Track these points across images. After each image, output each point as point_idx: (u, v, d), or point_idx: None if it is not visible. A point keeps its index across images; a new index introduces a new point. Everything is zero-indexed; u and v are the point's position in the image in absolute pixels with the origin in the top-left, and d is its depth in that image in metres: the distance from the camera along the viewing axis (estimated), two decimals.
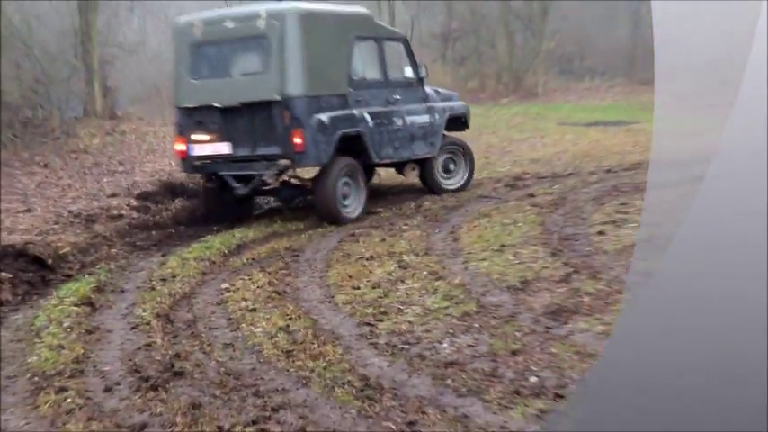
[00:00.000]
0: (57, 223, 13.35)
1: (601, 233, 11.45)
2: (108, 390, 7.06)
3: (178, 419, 6.34)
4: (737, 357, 6.43)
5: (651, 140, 19.86)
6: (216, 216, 14.43)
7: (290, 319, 8.63)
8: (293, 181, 14.71)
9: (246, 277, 10.31)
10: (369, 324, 8.38)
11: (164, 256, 11.57)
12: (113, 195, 15.92)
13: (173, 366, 7.46)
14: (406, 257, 10.72)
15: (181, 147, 14.09)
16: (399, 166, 15.93)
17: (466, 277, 9.81)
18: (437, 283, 9.59)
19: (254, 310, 9.02)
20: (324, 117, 13.37)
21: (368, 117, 14.27)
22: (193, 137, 13.90)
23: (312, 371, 7.24)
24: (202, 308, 9.24)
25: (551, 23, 36.92)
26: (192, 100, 13.98)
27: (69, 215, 13.89)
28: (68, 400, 6.82)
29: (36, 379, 7.29)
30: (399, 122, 14.95)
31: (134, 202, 14.90)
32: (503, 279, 9.64)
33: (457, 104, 16.79)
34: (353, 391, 6.76)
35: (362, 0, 22.36)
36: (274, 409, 6.47)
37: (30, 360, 7.75)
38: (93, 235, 12.51)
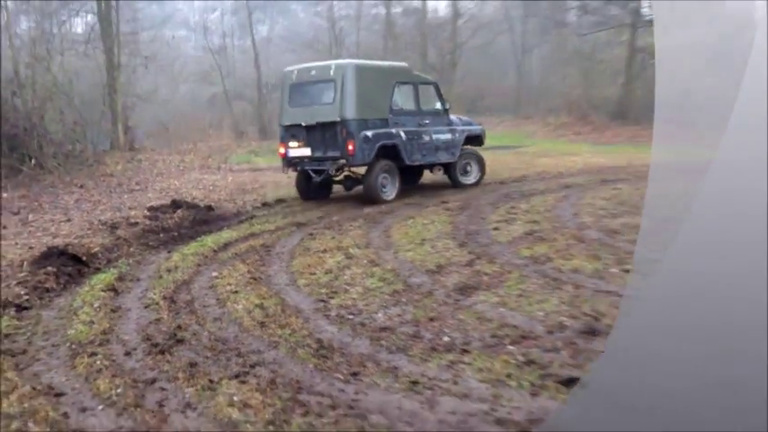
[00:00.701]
0: (89, 229, 13.26)
1: (496, 229, 11.53)
2: (127, 354, 7.02)
3: (179, 375, 6.35)
4: (737, 358, 5.55)
5: (532, 160, 19.99)
6: (305, 195, 16.67)
7: (264, 298, 8.57)
8: (352, 175, 16.48)
9: (231, 267, 10.22)
10: (323, 301, 8.34)
11: (169, 252, 11.46)
12: (132, 208, 15.84)
13: (175, 335, 7.43)
14: (351, 250, 10.68)
15: (282, 150, 16.28)
16: (429, 168, 17.31)
17: (396, 264, 9.80)
18: (374, 269, 9.56)
19: (237, 292, 8.93)
20: (369, 133, 15.31)
21: (402, 134, 15.94)
22: (289, 144, 16.03)
23: (280, 337, 7.21)
24: (198, 291, 9.15)
25: (459, 73, 37.12)
26: (288, 120, 16.17)
27: (99, 223, 13.77)
28: (98, 362, 6.78)
29: (73, 347, 7.22)
30: (427, 138, 16.48)
31: (147, 213, 14.81)
32: (423, 265, 9.63)
33: (474, 128, 17.98)
34: (311, 351, 6.75)
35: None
36: (252, 366, 6.49)
37: (69, 332, 7.67)
38: (117, 238, 12.43)
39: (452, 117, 17.52)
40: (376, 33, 39.00)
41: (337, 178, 16.57)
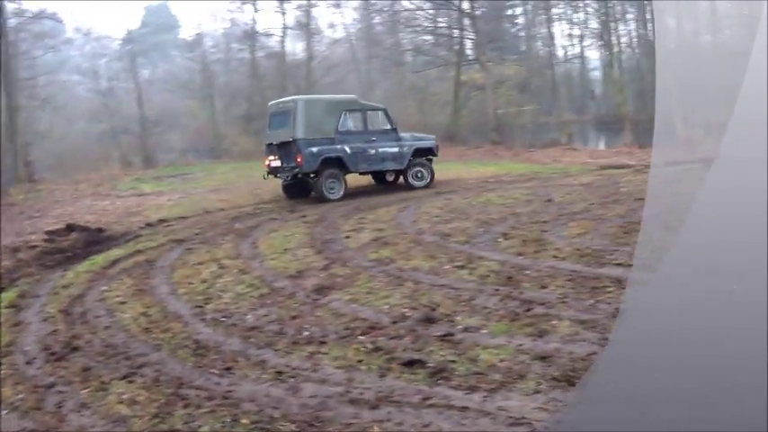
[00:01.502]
0: None
1: (348, 237, 11.53)
2: (28, 362, 6.87)
3: (75, 379, 6.27)
4: (737, 358, 5.01)
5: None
6: (290, 196, 18.27)
7: (148, 306, 8.40)
8: (309, 179, 17.57)
9: (119, 281, 9.93)
10: (199, 306, 8.20)
11: (64, 271, 11.05)
12: (31, 233, 15.19)
13: (71, 344, 7.26)
14: (223, 261, 10.51)
15: (266, 162, 18.09)
16: (383, 174, 19.02)
17: (262, 271, 9.69)
18: (244, 277, 9.43)
19: (125, 302, 8.71)
20: (314, 149, 17.16)
21: (347, 149, 17.59)
22: (270, 157, 17.93)
23: (163, 340, 7.11)
24: (90, 303, 8.87)
25: None
26: (267, 140, 18.23)
27: (3, 247, 13.17)
28: (3, 371, 6.65)
29: None
30: (372, 152, 17.98)
31: (45, 237, 14.23)
32: (285, 271, 9.56)
33: (424, 142, 19.16)
34: (190, 351, 6.69)
35: None
36: (138, 367, 6.39)
37: None
38: (18, 260, 11.99)
39: (404, 134, 18.89)
40: (243, 74, 38.68)
41: (296, 180, 18.00)
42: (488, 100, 32.08)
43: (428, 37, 39.13)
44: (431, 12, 37.49)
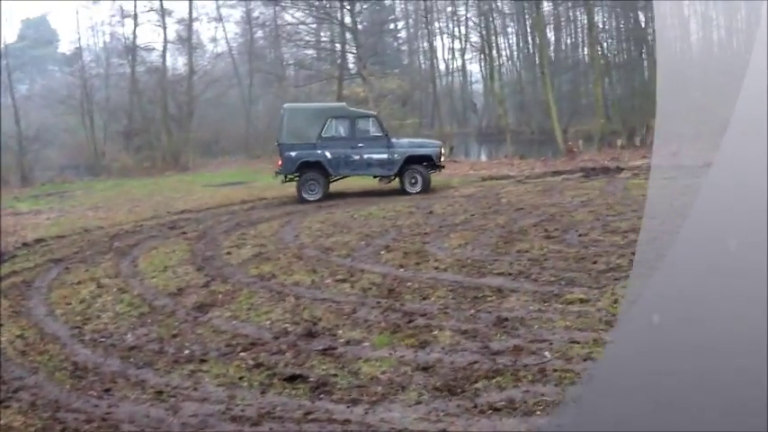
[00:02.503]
0: None
1: (228, 253, 11.45)
2: None
3: None
4: (738, 358, 5.12)
5: (261, 192, 20.01)
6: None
7: (25, 329, 8.11)
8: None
9: None
10: (78, 327, 7.98)
11: None
12: None
13: None
14: (102, 280, 10.25)
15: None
16: (380, 179, 19.38)
17: (142, 290, 9.51)
18: (123, 296, 9.23)
19: (0, 325, 8.37)
20: (292, 153, 18.15)
21: (328, 153, 18.23)
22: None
23: (40, 363, 6.89)
24: None
25: (195, 122, 36.61)
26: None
27: None
28: None
29: None
30: (356, 157, 18.41)
31: None
32: (166, 288, 9.44)
33: (423, 149, 19.35)
34: (68, 373, 6.53)
35: None
36: (14, 391, 6.17)
37: None
38: None
39: (401, 140, 19.79)
40: (123, 90, 37.87)
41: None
42: None
43: (310, 51, 39.42)
44: (313, 26, 37.71)
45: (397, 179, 18.78)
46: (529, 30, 39.44)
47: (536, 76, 34.76)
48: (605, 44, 36.81)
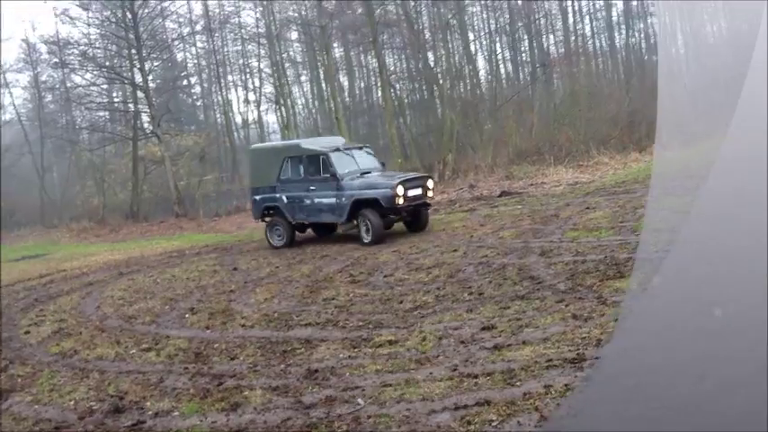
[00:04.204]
0: None
1: (27, 332, 10.67)
2: None
3: None
4: (737, 359, 4.88)
5: (58, 264, 19.08)
6: (317, 234, 17.90)
7: None
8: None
9: None
10: None
11: None
12: None
13: None
14: None
15: None
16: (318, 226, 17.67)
17: None
18: None
19: None
20: (257, 197, 17.50)
21: (284, 198, 16.85)
22: None
23: None
24: None
25: None
26: None
27: None
28: None
29: None
30: (308, 201, 16.54)
31: None
32: None
33: (371, 192, 15.69)
34: None
35: None
36: None
37: None
38: None
39: (352, 180, 16.07)
40: None
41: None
42: (168, 173, 31.77)
43: (103, 113, 38.12)
44: (104, 87, 36.59)
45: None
46: (322, 76, 40.08)
47: (332, 122, 35.41)
48: (397, 85, 38.06)
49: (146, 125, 34.78)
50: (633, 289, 8.16)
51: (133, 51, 32.80)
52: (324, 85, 40.92)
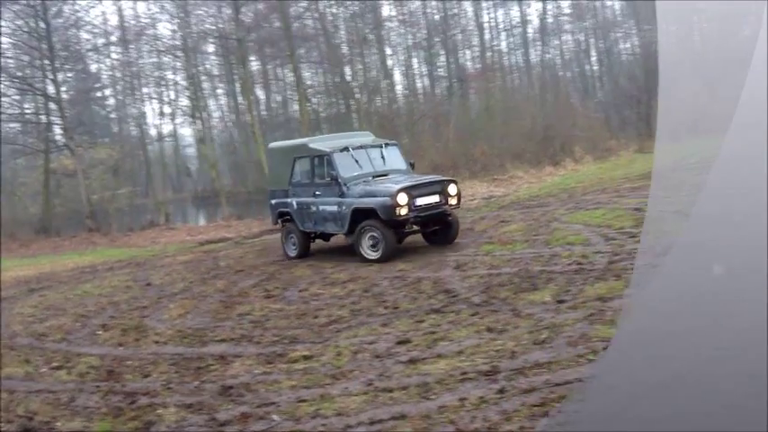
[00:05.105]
0: None
1: None
2: None
3: None
4: (737, 358, 4.91)
5: (12, 274, 18.44)
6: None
7: None
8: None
9: None
10: None
11: None
12: None
13: None
14: None
15: None
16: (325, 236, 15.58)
17: None
18: None
19: None
20: (274, 201, 15.76)
21: (295, 203, 15.09)
22: None
23: None
24: None
25: None
26: None
27: None
28: None
29: None
30: (314, 208, 14.59)
31: None
32: None
33: (372, 200, 13.24)
34: None
35: None
36: None
37: None
38: None
39: (356, 186, 13.85)
40: None
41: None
42: (81, 186, 31.04)
43: (14, 124, 37.01)
44: (16, 98, 35.56)
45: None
46: (239, 89, 39.87)
47: (249, 136, 35.21)
48: (314, 99, 38.13)
49: (58, 137, 33.91)
50: (547, 301, 8.45)
51: (46, 62, 31.96)
52: (240, 98, 40.79)
